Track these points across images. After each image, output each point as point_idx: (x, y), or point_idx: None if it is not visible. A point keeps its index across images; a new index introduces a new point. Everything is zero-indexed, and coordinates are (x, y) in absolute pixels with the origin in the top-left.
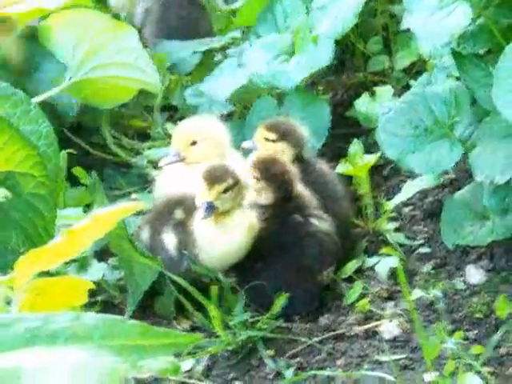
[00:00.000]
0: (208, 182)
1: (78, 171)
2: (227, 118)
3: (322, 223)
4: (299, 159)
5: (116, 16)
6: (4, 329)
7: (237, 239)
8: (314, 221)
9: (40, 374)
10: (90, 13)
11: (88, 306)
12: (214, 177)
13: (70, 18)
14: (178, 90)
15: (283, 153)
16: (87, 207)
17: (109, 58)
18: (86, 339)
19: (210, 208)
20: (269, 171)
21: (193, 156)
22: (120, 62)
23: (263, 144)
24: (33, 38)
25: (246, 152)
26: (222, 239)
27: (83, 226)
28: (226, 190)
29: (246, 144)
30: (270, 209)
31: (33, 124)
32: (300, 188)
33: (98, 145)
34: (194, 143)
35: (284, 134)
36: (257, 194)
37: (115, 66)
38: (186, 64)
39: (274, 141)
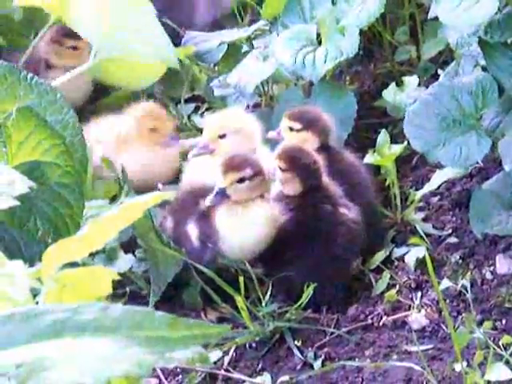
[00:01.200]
0: (224, 169)
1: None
2: (254, 108)
3: (350, 212)
4: (324, 148)
5: None
6: (32, 320)
7: (257, 231)
8: (343, 210)
9: (68, 365)
10: None
11: (115, 298)
12: (231, 165)
13: None
14: (204, 81)
15: (307, 142)
16: (114, 198)
17: (129, 35)
18: (114, 330)
19: (221, 194)
20: (295, 162)
21: (221, 149)
22: (140, 40)
23: (288, 134)
24: None
25: (274, 143)
26: (242, 230)
27: (109, 216)
28: (241, 180)
29: (271, 134)
30: (297, 199)
31: (58, 114)
32: (325, 178)
33: None
34: (223, 136)
35: (308, 124)
36: (283, 184)
37: (135, 43)
38: (212, 55)
39: (298, 130)
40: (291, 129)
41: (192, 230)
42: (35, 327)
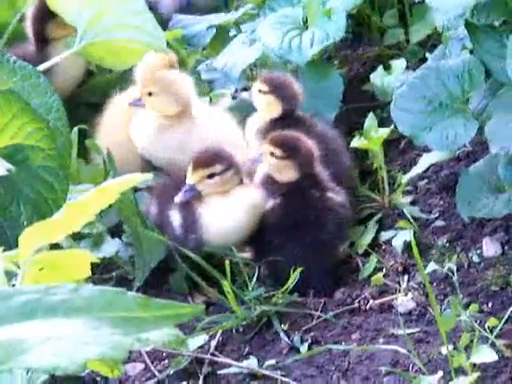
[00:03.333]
0: (193, 166)
1: (90, 143)
2: (242, 92)
3: (338, 196)
4: (289, 115)
5: None
6: (3, 302)
7: (238, 218)
8: (330, 194)
9: (43, 348)
10: None
11: (102, 282)
12: (201, 161)
13: None
14: (192, 64)
15: (271, 106)
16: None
17: (116, 20)
18: (86, 311)
19: (190, 191)
20: (295, 150)
21: (150, 105)
22: (128, 25)
23: (257, 96)
24: None
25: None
26: (223, 218)
27: (85, 198)
28: (211, 176)
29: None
30: (285, 185)
31: (42, 97)
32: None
33: None
34: (150, 94)
35: (275, 88)
36: (276, 171)
37: (123, 28)
38: (200, 38)
39: (264, 93)
40: (260, 91)
41: (174, 217)
42: (6, 308)
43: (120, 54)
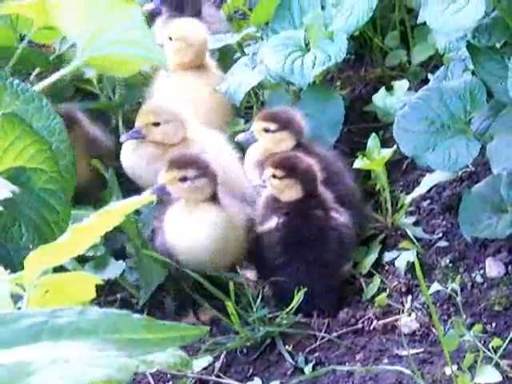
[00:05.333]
0: (167, 166)
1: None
2: (245, 113)
3: (341, 216)
4: (298, 145)
5: None
6: (10, 324)
7: (204, 233)
8: (333, 214)
9: (49, 370)
10: None
11: (106, 304)
12: (176, 162)
13: None
14: None
15: (284, 142)
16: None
17: (116, 35)
18: (91, 333)
19: (160, 190)
20: (296, 168)
21: (153, 136)
22: (127, 40)
23: (263, 135)
24: None
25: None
26: (188, 231)
27: (89, 221)
28: (183, 179)
29: (241, 137)
30: (288, 204)
31: (45, 120)
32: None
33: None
34: (157, 124)
35: (285, 124)
36: (279, 192)
37: (123, 43)
38: None
39: (273, 131)
40: (266, 130)
41: (157, 226)
42: (12, 331)
43: (120, 68)
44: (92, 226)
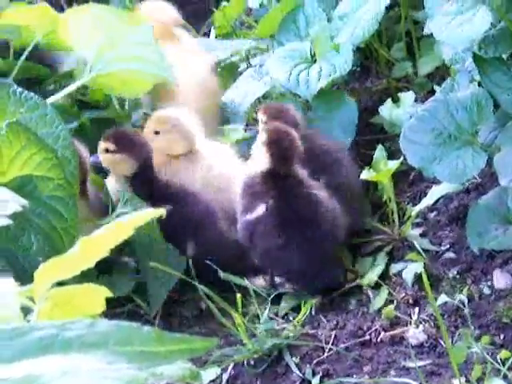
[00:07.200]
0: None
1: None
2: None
3: (320, 191)
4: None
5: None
6: (21, 338)
7: None
8: (314, 191)
9: (56, 382)
10: (104, 7)
11: (115, 317)
12: (105, 134)
13: (85, 12)
14: None
15: None
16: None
17: (125, 52)
18: (102, 346)
19: (95, 159)
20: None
21: (156, 145)
22: (136, 56)
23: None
24: None
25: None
26: None
27: (100, 234)
28: (106, 151)
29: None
30: (273, 188)
31: (49, 127)
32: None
33: None
34: (157, 132)
35: (275, 117)
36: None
37: (131, 59)
38: None
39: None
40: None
41: None
42: (23, 344)
43: (128, 84)
44: (102, 239)
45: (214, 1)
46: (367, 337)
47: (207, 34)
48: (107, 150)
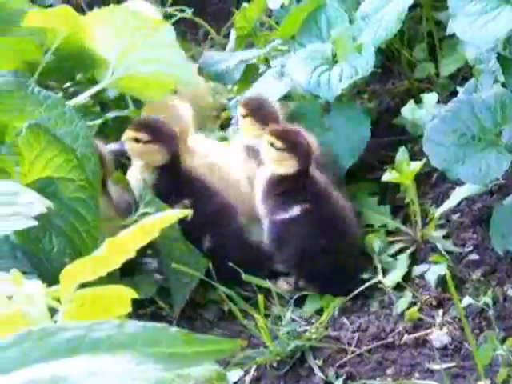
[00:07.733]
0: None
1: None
2: None
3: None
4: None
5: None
6: (48, 338)
7: None
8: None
9: (84, 383)
10: (126, 10)
11: (137, 318)
12: (133, 124)
13: (107, 15)
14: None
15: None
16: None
17: (146, 54)
18: (129, 347)
19: (117, 146)
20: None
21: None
22: (157, 58)
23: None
24: None
25: None
26: None
27: (125, 235)
28: (136, 140)
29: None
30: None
31: (68, 126)
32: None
33: None
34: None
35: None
36: (276, 164)
37: (153, 61)
38: (231, 75)
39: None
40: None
41: None
42: (51, 345)
43: (150, 86)
44: (128, 240)
45: (234, 2)
46: (390, 339)
47: (227, 36)
48: (137, 140)
